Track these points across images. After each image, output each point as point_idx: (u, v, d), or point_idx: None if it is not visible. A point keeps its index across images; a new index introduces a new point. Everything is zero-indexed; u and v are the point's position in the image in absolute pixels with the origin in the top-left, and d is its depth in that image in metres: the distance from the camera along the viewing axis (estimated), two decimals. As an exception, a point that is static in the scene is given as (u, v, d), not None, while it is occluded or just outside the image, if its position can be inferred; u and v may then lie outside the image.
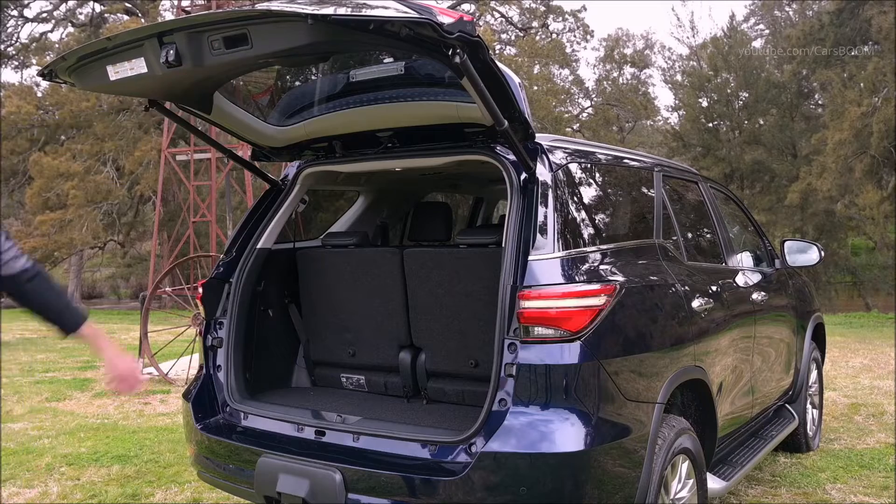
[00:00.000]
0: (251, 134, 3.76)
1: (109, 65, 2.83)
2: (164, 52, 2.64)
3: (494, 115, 2.75)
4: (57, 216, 21.89)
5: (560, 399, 2.72)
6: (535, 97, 26.70)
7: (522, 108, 2.90)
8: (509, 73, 2.85)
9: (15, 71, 32.08)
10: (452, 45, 2.45)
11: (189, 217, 14.07)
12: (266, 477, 3.10)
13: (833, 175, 18.81)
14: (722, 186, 5.19)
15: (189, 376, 8.23)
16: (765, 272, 4.94)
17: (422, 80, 3.31)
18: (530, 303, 2.76)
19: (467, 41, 2.48)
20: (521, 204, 2.95)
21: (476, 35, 2.51)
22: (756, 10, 30.40)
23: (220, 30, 2.58)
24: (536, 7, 30.93)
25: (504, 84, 2.80)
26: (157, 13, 27.14)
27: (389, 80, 3.33)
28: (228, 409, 3.54)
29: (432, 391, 3.70)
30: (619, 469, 2.85)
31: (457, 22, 2.44)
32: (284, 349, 4.09)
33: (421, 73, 3.26)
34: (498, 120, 2.76)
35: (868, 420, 6.46)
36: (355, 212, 4.74)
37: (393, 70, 3.28)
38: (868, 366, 9.43)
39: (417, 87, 3.35)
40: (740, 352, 4.06)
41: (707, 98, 26.98)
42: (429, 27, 2.39)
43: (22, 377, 9.35)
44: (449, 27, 2.41)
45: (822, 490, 4.65)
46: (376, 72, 3.33)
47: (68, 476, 5.08)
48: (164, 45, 2.65)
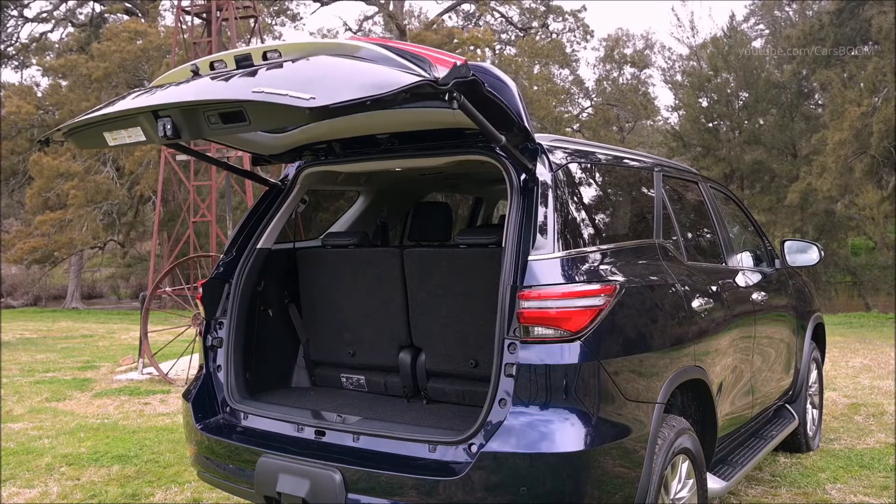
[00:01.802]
0: (250, 146, 3.78)
1: (106, 132, 2.81)
2: (160, 126, 2.61)
3: (492, 136, 2.78)
4: (57, 216, 21.90)
5: (560, 399, 2.72)
6: (535, 97, 26.72)
7: (522, 119, 2.91)
8: (508, 81, 2.88)
9: (15, 71, 32.08)
10: (449, 92, 2.46)
11: (189, 217, 14.06)
12: (266, 477, 3.10)
13: (833, 175, 18.80)
14: (722, 186, 5.19)
15: (189, 376, 8.23)
16: (765, 272, 4.94)
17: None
18: (530, 303, 2.76)
19: (463, 84, 2.50)
20: (521, 204, 2.95)
21: (471, 75, 2.53)
22: (756, 10, 30.44)
23: (216, 108, 2.53)
24: (536, 7, 30.95)
25: (503, 107, 2.82)
26: (157, 13, 27.15)
27: None
28: (228, 409, 3.54)
29: (432, 391, 3.70)
30: (619, 469, 2.85)
31: (451, 71, 2.47)
32: (284, 349, 4.09)
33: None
34: (496, 139, 2.79)
35: (868, 420, 6.46)
36: (355, 212, 4.74)
37: None
38: (868, 366, 9.43)
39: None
40: (740, 352, 4.06)
41: (707, 98, 26.97)
42: (426, 86, 2.41)
43: (22, 377, 9.35)
44: (444, 80, 2.43)
45: (822, 490, 4.65)
46: None
47: (68, 476, 5.08)
48: (160, 118, 2.60)
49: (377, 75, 2.45)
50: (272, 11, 28.63)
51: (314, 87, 2.35)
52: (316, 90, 2.32)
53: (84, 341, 13.97)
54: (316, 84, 2.42)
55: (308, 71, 2.60)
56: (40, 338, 14.64)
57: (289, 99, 2.27)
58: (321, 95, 2.28)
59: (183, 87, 2.78)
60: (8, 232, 26.08)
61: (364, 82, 2.39)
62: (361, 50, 2.66)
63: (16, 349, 12.45)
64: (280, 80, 2.50)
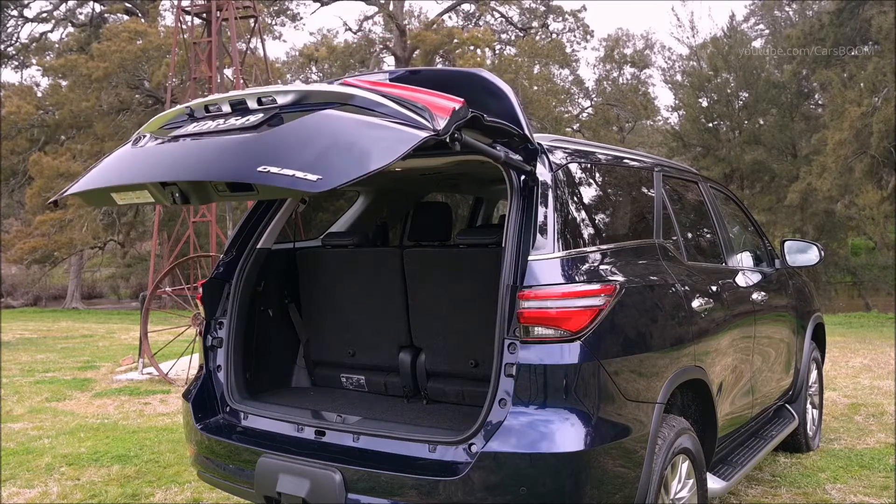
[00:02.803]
0: None
1: (114, 193, 2.83)
2: (168, 193, 2.64)
3: (493, 157, 2.81)
4: (57, 216, 21.89)
5: (560, 399, 2.72)
6: (535, 97, 26.73)
7: (522, 128, 2.92)
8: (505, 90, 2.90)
9: (15, 71, 32.08)
10: (451, 138, 2.47)
11: (189, 217, 14.05)
12: (266, 477, 3.10)
13: (833, 175, 18.80)
14: (722, 186, 5.19)
15: (189, 376, 8.23)
16: (765, 272, 4.94)
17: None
18: (530, 303, 2.77)
19: (464, 125, 2.52)
20: (521, 204, 2.95)
21: (470, 114, 2.54)
22: (756, 10, 30.44)
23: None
24: (536, 7, 30.95)
25: (504, 130, 2.85)
26: (157, 13, 27.15)
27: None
28: (228, 409, 3.54)
29: (432, 391, 3.70)
30: (619, 469, 2.85)
31: (451, 119, 2.46)
32: (284, 349, 4.09)
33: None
34: (497, 157, 2.83)
35: (868, 420, 6.46)
36: (355, 212, 4.74)
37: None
38: (868, 366, 9.43)
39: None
40: (740, 352, 4.06)
41: (707, 98, 26.98)
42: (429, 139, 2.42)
43: (22, 377, 9.34)
44: (445, 130, 2.44)
45: (822, 490, 4.65)
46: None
47: (68, 476, 5.08)
48: (167, 186, 2.63)
49: (380, 140, 2.43)
50: (272, 11, 28.63)
51: (319, 163, 2.35)
52: (321, 167, 2.32)
53: (84, 341, 13.97)
54: (320, 157, 2.39)
55: (309, 135, 2.55)
56: (40, 338, 14.64)
57: (295, 181, 2.27)
58: (327, 176, 2.28)
59: (185, 148, 2.73)
60: (8, 232, 26.08)
61: (368, 149, 2.38)
62: (355, 98, 2.63)
63: (16, 349, 12.45)
64: (283, 151, 2.46)
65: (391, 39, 29.71)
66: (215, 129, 2.72)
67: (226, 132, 2.67)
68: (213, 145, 2.64)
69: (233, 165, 2.50)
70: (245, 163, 2.44)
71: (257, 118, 2.67)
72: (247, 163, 2.43)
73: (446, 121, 2.45)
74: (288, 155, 2.41)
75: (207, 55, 10.29)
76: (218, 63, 10.44)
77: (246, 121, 2.67)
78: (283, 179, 2.28)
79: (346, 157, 2.39)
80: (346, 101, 2.65)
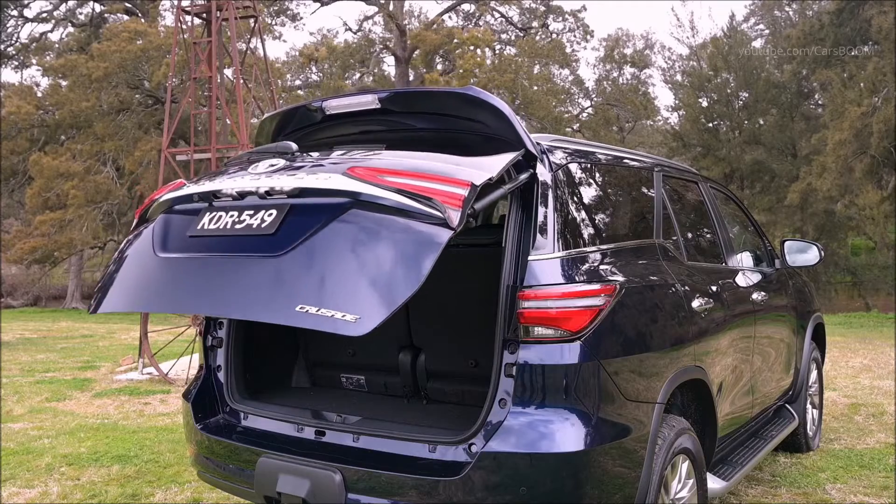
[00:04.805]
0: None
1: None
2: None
3: (504, 195, 2.85)
4: (57, 216, 21.88)
5: (560, 399, 2.72)
6: (535, 97, 26.69)
7: (524, 145, 2.92)
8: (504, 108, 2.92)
9: (15, 71, 32.05)
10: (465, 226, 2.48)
11: (189, 217, 14.07)
12: (266, 477, 3.10)
13: (833, 175, 18.80)
14: (722, 186, 5.19)
15: (189, 376, 8.23)
16: (765, 272, 4.94)
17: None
18: (530, 303, 2.77)
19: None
20: (520, 204, 2.95)
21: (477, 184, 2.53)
22: (756, 10, 30.40)
23: None
24: (536, 7, 30.93)
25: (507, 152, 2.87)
26: (157, 13, 27.14)
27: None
28: (228, 409, 3.54)
29: (432, 391, 3.70)
30: (619, 469, 2.85)
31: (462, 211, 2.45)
32: (284, 349, 4.09)
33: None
34: (505, 196, 2.87)
35: (868, 420, 6.46)
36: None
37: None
38: (868, 366, 9.43)
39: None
40: (740, 352, 4.06)
41: (707, 98, 26.97)
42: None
43: (22, 377, 9.34)
44: (460, 221, 2.43)
45: (822, 490, 4.65)
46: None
47: (68, 476, 5.08)
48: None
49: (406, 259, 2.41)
50: (272, 11, 28.61)
51: (354, 300, 2.36)
52: (358, 305, 2.34)
53: (84, 341, 13.97)
54: (354, 291, 2.40)
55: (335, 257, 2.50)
56: (40, 338, 14.64)
57: (335, 324, 2.31)
58: (366, 316, 2.30)
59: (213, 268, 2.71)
60: (8, 232, 26.06)
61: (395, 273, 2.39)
62: (362, 195, 2.55)
63: (16, 349, 12.45)
64: (315, 282, 2.45)
65: (391, 39, 29.69)
66: (231, 228, 2.72)
67: (243, 235, 2.67)
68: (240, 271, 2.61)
69: (269, 303, 2.50)
70: (281, 301, 2.45)
71: (272, 218, 2.66)
72: (283, 301, 2.44)
73: (458, 213, 2.44)
74: (322, 289, 2.43)
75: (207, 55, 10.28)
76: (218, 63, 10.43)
77: (262, 222, 2.66)
78: (325, 323, 2.32)
79: (378, 287, 2.39)
80: (355, 197, 2.58)
